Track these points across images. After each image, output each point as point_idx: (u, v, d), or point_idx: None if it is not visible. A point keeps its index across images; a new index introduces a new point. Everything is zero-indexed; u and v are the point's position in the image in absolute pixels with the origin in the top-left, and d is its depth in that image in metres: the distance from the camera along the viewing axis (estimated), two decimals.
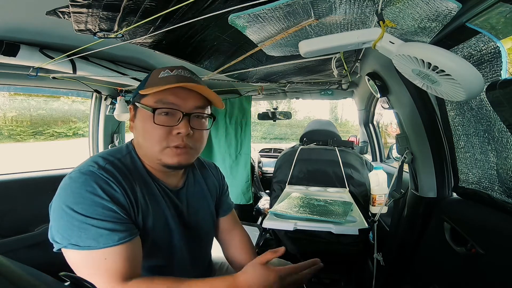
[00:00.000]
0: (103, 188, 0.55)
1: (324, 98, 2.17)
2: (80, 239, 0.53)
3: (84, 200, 0.54)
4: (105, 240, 0.53)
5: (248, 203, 2.11)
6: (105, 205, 0.55)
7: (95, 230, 0.53)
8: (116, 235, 0.54)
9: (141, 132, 0.64)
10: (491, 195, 0.75)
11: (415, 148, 1.06)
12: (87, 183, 0.55)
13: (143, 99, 0.63)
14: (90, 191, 0.54)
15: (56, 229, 0.54)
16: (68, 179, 0.56)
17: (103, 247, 0.53)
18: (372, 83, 1.17)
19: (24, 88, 1.47)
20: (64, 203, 0.54)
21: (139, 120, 0.64)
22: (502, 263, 0.66)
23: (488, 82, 0.62)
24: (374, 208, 1.37)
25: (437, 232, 0.92)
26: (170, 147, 0.62)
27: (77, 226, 0.53)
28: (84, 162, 0.61)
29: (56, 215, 0.54)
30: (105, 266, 0.53)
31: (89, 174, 0.56)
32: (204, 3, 0.56)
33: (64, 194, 0.55)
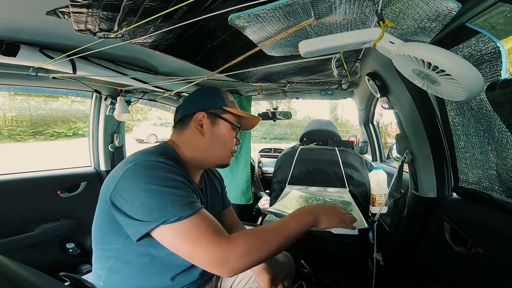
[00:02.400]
0: (176, 172, 0.64)
1: (324, 98, 2.18)
2: (176, 210, 0.57)
3: (167, 178, 0.61)
4: (195, 206, 0.60)
5: (248, 203, 2.11)
6: (183, 181, 0.63)
7: (185, 200, 0.60)
8: (198, 202, 0.63)
9: (218, 139, 0.79)
10: (491, 195, 0.75)
11: (415, 148, 1.06)
12: (163, 168, 0.62)
13: (226, 114, 0.80)
14: (168, 171, 0.62)
15: (147, 210, 0.57)
16: (139, 167, 0.62)
17: (196, 212, 0.59)
18: (372, 83, 1.17)
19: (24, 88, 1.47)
20: (148, 183, 0.59)
21: (219, 129, 0.79)
22: (502, 263, 0.66)
23: (488, 82, 0.62)
24: (374, 208, 1.37)
25: (437, 232, 0.92)
26: (231, 153, 0.83)
27: (170, 200, 0.58)
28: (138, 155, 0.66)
29: (141, 198, 0.58)
30: (205, 225, 0.59)
31: (161, 162, 0.64)
32: (204, 3, 0.56)
33: (143, 177, 0.60)
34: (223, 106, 0.80)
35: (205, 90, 0.85)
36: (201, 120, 0.78)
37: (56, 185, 1.53)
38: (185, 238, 0.57)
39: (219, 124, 0.79)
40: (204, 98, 0.83)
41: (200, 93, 0.85)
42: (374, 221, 1.22)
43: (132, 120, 4.78)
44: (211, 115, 0.79)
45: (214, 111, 0.80)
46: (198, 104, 0.81)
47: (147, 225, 0.57)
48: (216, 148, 0.79)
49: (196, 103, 0.82)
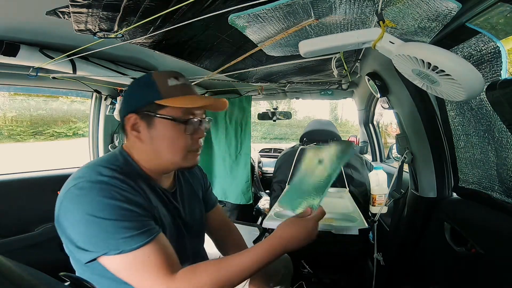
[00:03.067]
0: (121, 194, 0.55)
1: (324, 98, 2.18)
2: (118, 243, 0.52)
3: (108, 206, 0.53)
4: (143, 238, 0.54)
5: (248, 203, 2.11)
6: (130, 208, 0.55)
7: (131, 232, 0.53)
8: (149, 231, 0.55)
9: (162, 142, 0.64)
10: (491, 195, 0.75)
11: (415, 148, 1.06)
12: (105, 192, 0.54)
13: (162, 109, 0.62)
14: (111, 197, 0.54)
15: (87, 240, 0.53)
16: (77, 190, 0.55)
17: (144, 245, 0.53)
18: (372, 83, 1.17)
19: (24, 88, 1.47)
20: (86, 213, 0.52)
21: (159, 130, 0.63)
22: (502, 263, 0.66)
23: (488, 82, 0.62)
24: (374, 208, 1.37)
25: (437, 232, 0.92)
26: (191, 152, 0.67)
27: (111, 231, 0.52)
28: (83, 170, 0.59)
29: (81, 227, 0.53)
30: (150, 263, 0.54)
31: (103, 183, 0.55)
32: (204, 3, 0.56)
33: (82, 205, 0.53)
34: (155, 100, 0.62)
35: (136, 82, 0.67)
36: (135, 124, 0.64)
37: (56, 185, 1.51)
38: (128, 272, 0.53)
39: (156, 124, 0.63)
40: (133, 93, 0.66)
41: (130, 88, 0.68)
42: (374, 221, 1.22)
43: None
44: (144, 116, 0.63)
45: (147, 110, 0.62)
46: (128, 103, 0.66)
47: (89, 254, 0.53)
48: (163, 153, 0.65)
49: (126, 102, 0.67)
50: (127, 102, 0.67)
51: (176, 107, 0.62)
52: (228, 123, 2.11)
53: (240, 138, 2.10)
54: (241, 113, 2.07)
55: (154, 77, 0.64)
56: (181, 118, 0.63)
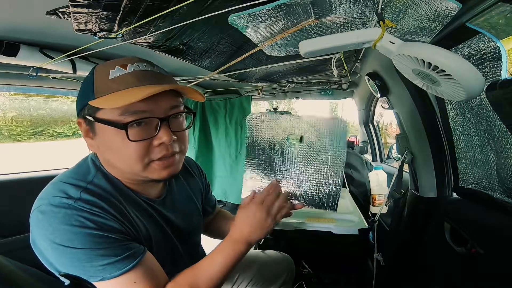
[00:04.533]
0: (90, 219, 0.47)
1: (324, 98, 2.17)
2: (97, 270, 0.46)
3: (77, 235, 0.46)
4: (125, 263, 0.48)
5: None
6: (104, 235, 0.47)
7: (109, 259, 0.47)
8: (133, 255, 0.49)
9: (109, 152, 0.53)
10: (491, 195, 0.75)
11: (415, 148, 1.06)
12: (70, 218, 0.46)
13: (99, 111, 0.50)
14: (79, 225, 0.46)
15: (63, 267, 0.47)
16: (41, 215, 0.47)
17: (128, 271, 0.48)
18: (372, 83, 1.17)
19: (24, 88, 1.47)
20: (53, 242, 0.45)
21: (102, 138, 0.52)
22: (502, 263, 0.66)
23: (488, 82, 0.62)
24: (374, 208, 1.37)
25: (437, 232, 0.92)
26: (155, 161, 0.53)
27: (85, 260, 0.46)
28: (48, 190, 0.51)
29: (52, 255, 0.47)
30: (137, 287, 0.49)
31: (67, 207, 0.46)
32: (204, 3, 0.56)
33: (46, 231, 0.46)
34: (89, 101, 0.50)
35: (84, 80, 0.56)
36: (86, 130, 0.55)
37: None
38: None
39: (96, 130, 0.52)
40: (79, 93, 0.55)
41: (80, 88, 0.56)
42: (374, 221, 1.22)
43: None
44: (86, 120, 0.53)
45: (85, 113, 0.53)
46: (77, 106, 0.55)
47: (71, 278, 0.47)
48: (117, 165, 0.54)
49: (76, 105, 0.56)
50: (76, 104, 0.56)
51: (113, 109, 0.49)
52: (228, 123, 2.11)
53: (240, 138, 2.10)
54: (241, 113, 2.07)
55: (96, 70, 0.54)
56: (118, 122, 0.49)
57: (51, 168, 1.61)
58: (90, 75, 0.55)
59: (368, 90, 1.41)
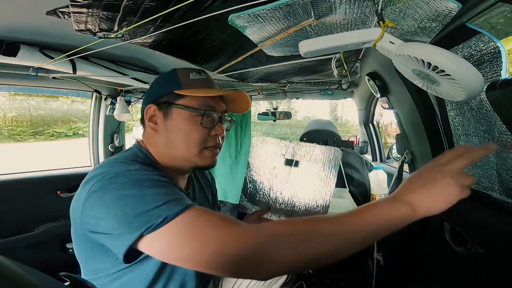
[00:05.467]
0: (156, 174, 0.53)
1: (324, 98, 2.17)
2: (161, 209, 0.45)
3: (145, 181, 0.50)
4: (186, 202, 0.48)
5: None
6: (167, 181, 0.53)
7: (172, 196, 0.48)
8: (187, 201, 0.50)
9: (176, 133, 0.63)
10: (491, 195, 0.75)
11: (415, 148, 1.06)
12: (139, 173, 0.51)
13: (181, 99, 0.63)
14: (147, 176, 0.51)
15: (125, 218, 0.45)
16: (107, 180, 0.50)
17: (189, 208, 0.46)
18: (372, 83, 1.17)
19: (24, 88, 1.47)
20: (123, 190, 0.48)
21: (175, 121, 0.62)
22: (502, 263, 0.66)
23: (488, 82, 0.62)
24: None
25: (437, 232, 0.92)
26: (207, 149, 0.65)
27: (151, 201, 0.46)
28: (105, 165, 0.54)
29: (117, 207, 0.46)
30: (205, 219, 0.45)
31: (136, 169, 0.52)
32: (204, 3, 0.56)
33: (116, 187, 0.48)
34: (174, 90, 0.62)
35: (159, 76, 0.70)
36: (154, 115, 0.64)
37: (56, 185, 1.53)
38: (183, 241, 0.43)
39: (172, 114, 0.63)
40: (156, 86, 0.68)
41: (154, 82, 0.69)
42: None
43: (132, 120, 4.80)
44: (162, 105, 0.63)
45: (166, 99, 0.63)
46: (149, 95, 0.67)
47: (127, 237, 0.45)
48: (177, 146, 0.63)
49: (148, 95, 0.68)
50: (148, 94, 0.68)
51: (195, 99, 0.63)
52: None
53: (240, 138, 2.10)
54: (241, 113, 2.07)
55: (177, 71, 0.66)
56: (198, 109, 0.63)
57: (51, 168, 1.61)
58: (170, 73, 0.66)
59: (368, 90, 1.41)
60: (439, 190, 0.43)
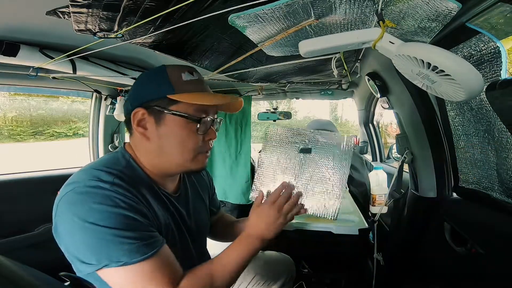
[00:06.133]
0: (124, 201, 0.51)
1: (324, 98, 2.18)
2: (120, 254, 0.48)
3: (110, 214, 0.49)
4: (147, 249, 0.50)
5: (248, 203, 2.11)
6: (133, 217, 0.51)
7: (134, 242, 0.49)
8: (154, 243, 0.52)
9: (170, 140, 0.59)
10: (491, 195, 0.75)
11: (415, 148, 1.06)
12: (106, 198, 0.50)
13: (174, 105, 0.58)
14: (113, 205, 0.49)
15: (87, 250, 0.48)
16: (75, 195, 0.50)
17: (149, 258, 0.50)
18: (372, 83, 1.17)
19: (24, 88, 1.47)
20: (86, 221, 0.48)
21: (168, 127, 0.59)
22: (502, 263, 0.66)
23: (488, 82, 0.62)
24: (374, 208, 1.37)
25: (437, 232, 0.92)
26: (201, 154, 0.63)
27: (112, 241, 0.48)
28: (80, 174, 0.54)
29: (79, 236, 0.48)
30: (155, 276, 0.50)
31: (103, 189, 0.50)
32: (204, 3, 0.56)
33: (80, 211, 0.49)
34: (167, 95, 0.58)
35: (147, 74, 0.63)
36: (143, 120, 0.59)
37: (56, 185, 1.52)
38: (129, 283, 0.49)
39: (166, 121, 0.59)
40: (143, 86, 0.61)
41: (140, 80, 0.63)
42: (374, 221, 1.22)
43: None
44: (153, 111, 0.58)
45: (157, 104, 0.58)
46: (136, 96, 0.61)
47: (88, 266, 0.48)
48: (170, 153, 0.60)
49: (134, 95, 0.61)
50: (135, 95, 0.61)
51: (189, 104, 0.58)
52: (228, 123, 2.11)
53: (240, 138, 2.09)
54: (241, 113, 2.07)
55: (167, 70, 0.60)
56: (194, 116, 0.59)
57: (51, 168, 1.61)
58: (160, 72, 0.61)
59: (368, 90, 1.41)
60: (273, 222, 0.64)
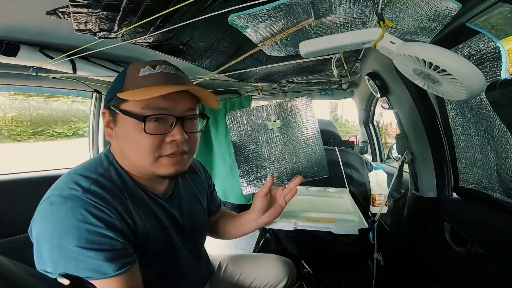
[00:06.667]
0: (94, 214, 0.48)
1: (324, 98, 2.17)
2: (78, 270, 0.47)
3: (76, 230, 0.46)
4: (106, 270, 0.47)
5: (248, 203, 2.11)
6: (101, 233, 0.48)
7: (94, 261, 0.47)
8: (116, 264, 0.48)
9: (125, 142, 0.57)
10: (491, 195, 0.75)
11: (415, 148, 1.06)
12: (75, 211, 0.47)
13: (124, 103, 0.55)
14: (81, 220, 0.47)
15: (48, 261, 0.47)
16: (48, 206, 0.49)
17: (104, 278, 0.47)
18: (372, 83, 1.17)
19: (24, 88, 1.47)
20: (52, 235, 0.47)
21: (122, 128, 0.56)
22: (502, 263, 0.66)
23: (488, 82, 0.62)
24: (374, 208, 1.37)
25: (437, 232, 0.92)
26: (164, 157, 0.57)
27: (73, 258, 0.46)
28: (61, 181, 0.53)
29: (44, 247, 0.47)
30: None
31: (74, 199, 0.48)
32: (204, 3, 0.56)
33: (49, 224, 0.48)
34: (117, 93, 0.55)
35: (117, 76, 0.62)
36: (109, 120, 0.59)
37: None
38: None
39: (118, 121, 0.57)
40: (110, 87, 0.61)
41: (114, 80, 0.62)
42: (374, 221, 1.21)
43: None
44: (111, 111, 0.58)
45: (112, 104, 0.57)
46: (105, 96, 0.62)
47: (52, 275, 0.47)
48: (129, 155, 0.57)
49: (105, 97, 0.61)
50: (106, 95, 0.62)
51: (136, 103, 0.54)
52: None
53: None
54: None
55: (129, 68, 0.59)
56: (139, 115, 0.54)
57: (51, 168, 1.61)
58: (123, 71, 0.60)
59: (368, 90, 1.41)
60: None
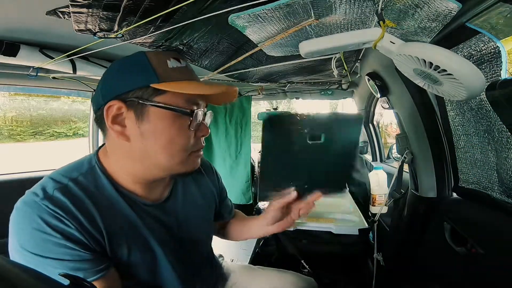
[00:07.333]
0: (49, 223, 0.44)
1: (324, 98, 2.17)
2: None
3: (33, 238, 0.44)
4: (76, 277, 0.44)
5: (248, 203, 2.11)
6: (58, 243, 0.44)
7: (54, 271, 0.43)
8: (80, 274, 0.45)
9: (157, 139, 0.50)
10: (491, 195, 0.75)
11: (415, 148, 1.06)
12: (31, 218, 0.44)
13: (159, 96, 0.48)
14: (36, 228, 0.44)
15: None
16: (15, 210, 0.47)
17: None
18: (372, 83, 1.17)
19: (24, 88, 1.47)
20: (17, 241, 0.45)
21: (155, 123, 0.49)
22: (502, 263, 0.66)
23: (488, 82, 0.62)
24: (374, 208, 1.37)
25: (437, 232, 0.92)
26: (193, 153, 0.54)
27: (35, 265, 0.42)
28: (39, 182, 0.51)
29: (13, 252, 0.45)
30: None
31: (31, 206, 0.46)
32: (204, 3, 0.56)
33: (11, 229, 0.46)
34: (151, 84, 0.48)
35: (122, 61, 0.53)
36: (119, 116, 0.49)
37: None
38: None
39: (149, 115, 0.48)
40: (119, 74, 0.51)
41: (113, 68, 0.53)
42: (374, 221, 1.22)
43: None
44: (133, 104, 0.48)
45: (137, 95, 0.48)
46: (110, 87, 0.50)
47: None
48: (155, 155, 0.50)
49: (107, 87, 0.51)
50: (108, 86, 0.51)
51: (178, 96, 0.49)
52: (228, 123, 2.11)
53: (240, 138, 2.10)
54: (241, 113, 2.08)
55: (148, 56, 0.51)
56: (185, 109, 0.49)
57: (51, 168, 1.61)
58: (140, 58, 0.51)
59: (368, 90, 1.41)
60: None
